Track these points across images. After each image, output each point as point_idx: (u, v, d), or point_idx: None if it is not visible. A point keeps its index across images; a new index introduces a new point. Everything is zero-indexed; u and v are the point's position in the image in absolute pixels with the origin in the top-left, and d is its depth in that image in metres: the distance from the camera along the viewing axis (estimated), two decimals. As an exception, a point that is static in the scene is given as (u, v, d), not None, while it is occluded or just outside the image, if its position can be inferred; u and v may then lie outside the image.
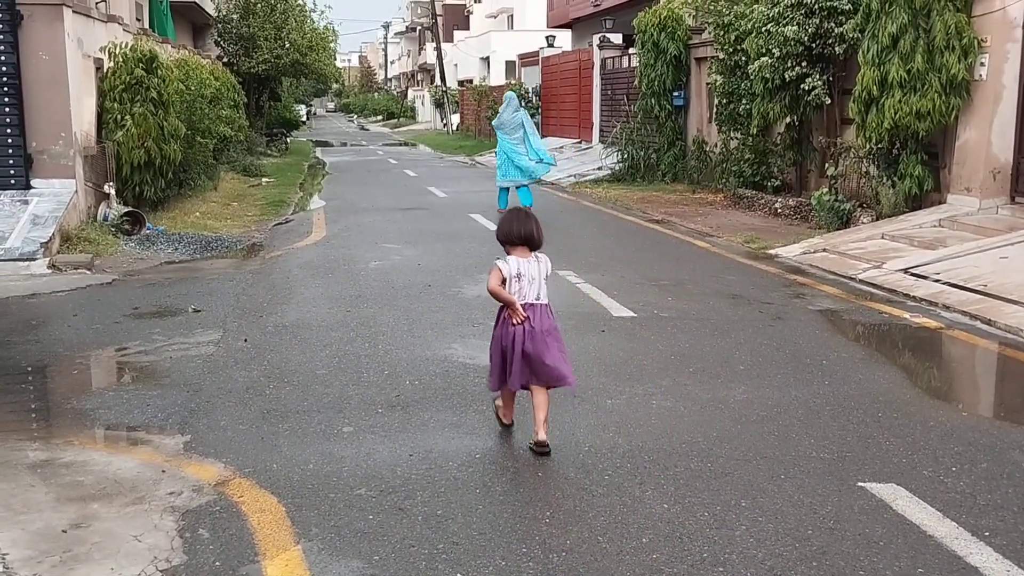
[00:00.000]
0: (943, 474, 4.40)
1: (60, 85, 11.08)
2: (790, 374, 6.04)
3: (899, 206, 11.32)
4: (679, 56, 18.46)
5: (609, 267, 9.91)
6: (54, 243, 10.16)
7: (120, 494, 4.24)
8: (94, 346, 6.87)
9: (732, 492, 4.21)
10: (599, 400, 5.51)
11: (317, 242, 11.94)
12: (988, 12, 10.73)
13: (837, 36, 12.23)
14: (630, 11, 22.83)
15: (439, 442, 4.84)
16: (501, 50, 45.77)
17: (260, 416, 5.25)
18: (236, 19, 29.26)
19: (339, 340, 6.87)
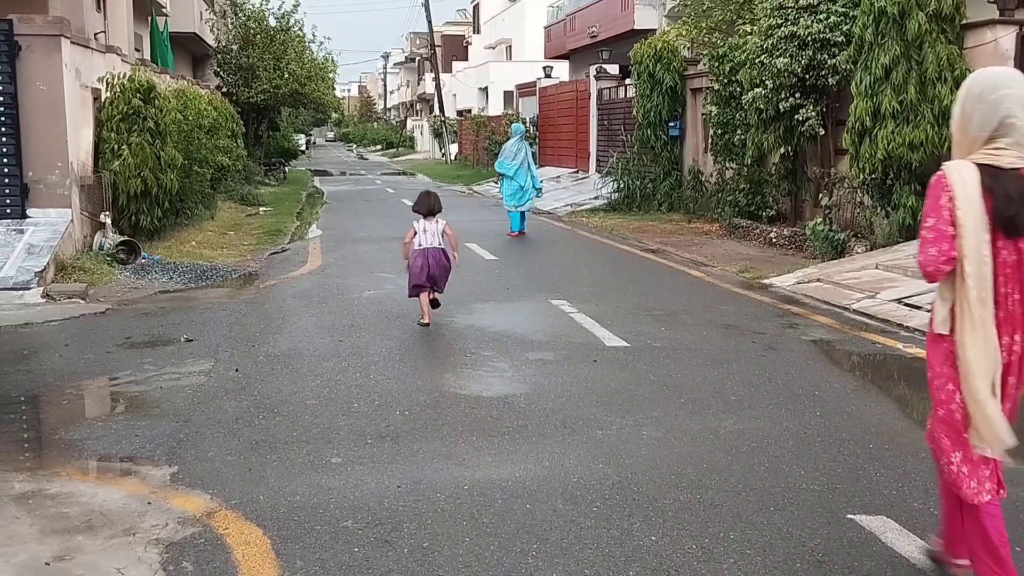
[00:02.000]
0: (933, 506, 4.37)
1: (57, 115, 11.13)
2: (782, 405, 6.02)
3: (893, 236, 11.35)
4: (675, 87, 18.59)
5: (603, 297, 9.91)
6: (48, 272, 10.16)
7: (105, 526, 4.21)
8: (85, 376, 6.85)
9: (721, 524, 4.19)
10: (589, 431, 5.49)
11: (312, 271, 11.95)
12: (980, 44, 10.82)
13: (830, 68, 12.31)
14: (626, 43, 23.02)
15: (428, 473, 4.82)
16: (499, 80, 46.07)
17: (248, 447, 5.22)
18: (235, 50, 29.46)
19: (331, 370, 6.86)
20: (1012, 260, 3.25)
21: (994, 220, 3.22)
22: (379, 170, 45.21)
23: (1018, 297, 3.27)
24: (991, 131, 3.24)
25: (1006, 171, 3.23)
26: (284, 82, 29.38)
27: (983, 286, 3.21)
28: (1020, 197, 3.21)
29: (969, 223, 3.19)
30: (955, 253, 3.22)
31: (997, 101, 3.22)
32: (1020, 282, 3.27)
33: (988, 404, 3.25)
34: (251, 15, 29.80)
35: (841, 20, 12.20)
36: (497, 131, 33.89)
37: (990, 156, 3.24)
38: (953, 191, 3.23)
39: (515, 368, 6.96)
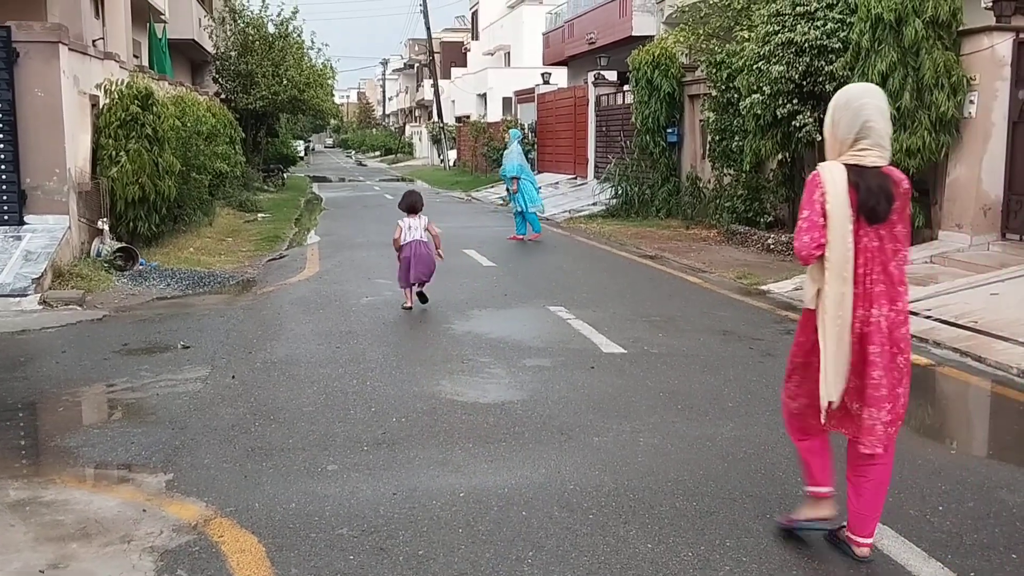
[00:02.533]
0: (929, 513, 4.38)
1: (55, 122, 11.14)
2: (779, 412, 5.96)
3: (891, 242, 11.34)
4: (672, 93, 18.61)
5: (601, 303, 9.91)
6: (46, 279, 10.16)
7: (100, 534, 4.20)
8: (81, 383, 6.84)
9: (717, 531, 4.18)
10: (586, 438, 5.49)
11: (310, 277, 11.95)
12: (977, 51, 10.84)
13: (827, 74, 12.31)
14: (624, 49, 23.05)
15: (423, 480, 4.81)
16: (498, 87, 46.11)
17: (244, 454, 5.21)
18: (234, 56, 29.47)
19: (327, 376, 6.85)
20: (874, 245, 3.75)
21: (858, 211, 3.71)
22: (378, 176, 45.22)
23: (877, 276, 3.76)
24: (855, 134, 3.74)
25: (869, 169, 3.74)
26: (283, 88, 29.39)
27: (844, 267, 3.71)
28: (880, 191, 3.73)
29: (836, 214, 3.69)
30: (824, 240, 3.71)
31: (859, 108, 3.75)
32: (881, 263, 3.76)
33: (833, 365, 3.77)
34: (250, 22, 29.81)
35: (838, 27, 12.22)
36: (495, 137, 33.92)
37: (856, 157, 3.75)
38: (824, 187, 3.73)
39: (512, 375, 6.96)
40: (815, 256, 3.75)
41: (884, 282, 3.76)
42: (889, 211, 3.75)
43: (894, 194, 3.76)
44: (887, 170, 3.78)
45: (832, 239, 3.70)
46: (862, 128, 3.72)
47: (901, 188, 3.79)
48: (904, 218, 3.83)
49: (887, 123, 3.78)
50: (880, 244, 3.75)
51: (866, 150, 3.73)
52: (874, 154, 3.74)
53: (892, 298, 3.78)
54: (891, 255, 3.78)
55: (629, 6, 26.37)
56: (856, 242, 3.72)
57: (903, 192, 3.80)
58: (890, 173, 3.79)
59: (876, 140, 3.73)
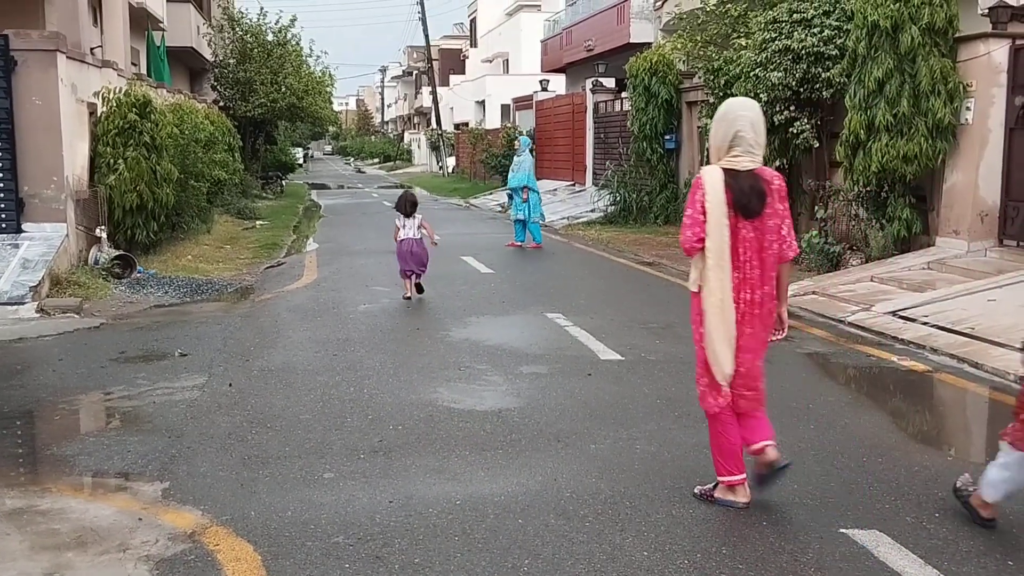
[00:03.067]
0: (926, 520, 4.37)
1: (53, 130, 11.15)
2: (776, 418, 5.95)
3: (888, 249, 11.36)
4: (670, 100, 18.63)
5: (598, 310, 9.91)
6: (43, 287, 10.15)
7: (95, 542, 4.19)
8: (78, 391, 6.84)
9: (713, 539, 4.18)
10: (583, 445, 5.48)
11: (308, 285, 11.95)
12: (973, 57, 10.86)
13: (824, 81, 12.34)
14: (622, 56, 23.10)
15: (420, 488, 4.81)
16: (496, 94, 46.20)
17: (240, 462, 5.21)
18: (233, 64, 29.52)
19: (324, 384, 6.85)
20: (750, 236, 4.31)
21: (734, 208, 4.26)
22: (376, 183, 45.24)
23: (755, 263, 4.33)
24: (729, 142, 4.30)
25: (742, 172, 4.29)
26: (281, 96, 29.43)
27: (721, 257, 4.29)
28: (751, 190, 4.28)
29: (714, 212, 4.26)
30: (704, 234, 4.29)
31: (733, 120, 4.31)
32: (757, 252, 4.33)
33: (717, 343, 4.34)
34: (248, 29, 29.87)
35: (835, 34, 12.24)
36: (494, 144, 33.95)
37: (731, 162, 4.31)
38: (704, 189, 4.30)
39: (509, 382, 6.95)
40: (697, 248, 4.36)
41: (759, 267, 4.35)
42: (762, 207, 4.30)
43: (766, 192, 4.30)
44: (760, 171, 4.31)
45: (711, 232, 4.28)
46: (734, 137, 4.29)
47: (773, 186, 4.33)
48: (776, 212, 4.35)
49: (757, 133, 4.30)
50: (756, 235, 4.32)
51: (738, 156, 4.30)
52: (746, 159, 4.30)
53: (764, 282, 4.37)
54: (765, 245, 4.34)
55: (627, 13, 26.44)
56: (735, 234, 4.29)
57: (775, 189, 4.33)
58: (762, 174, 4.32)
59: (746, 147, 4.29)
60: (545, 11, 45.20)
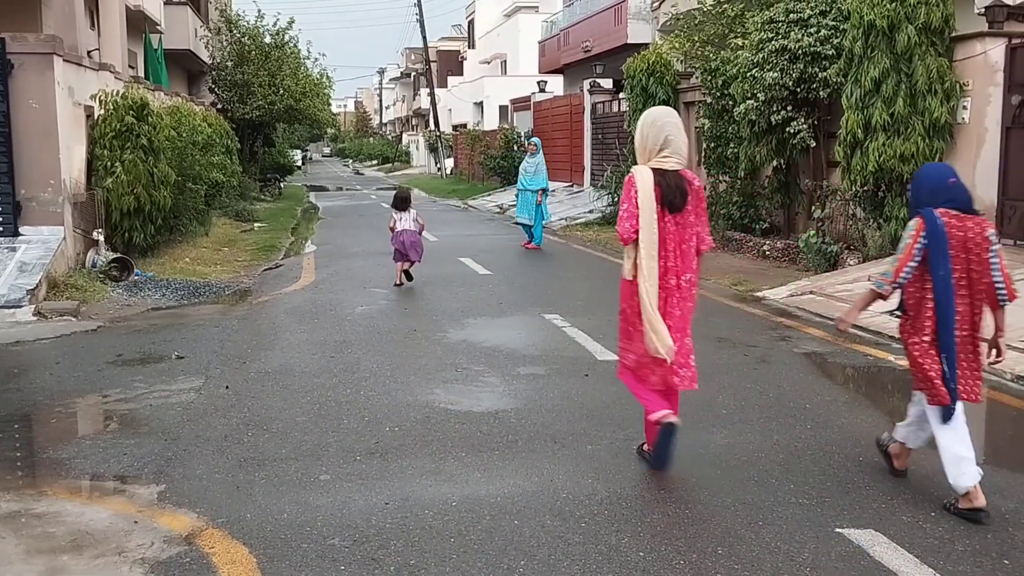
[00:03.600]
0: (922, 519, 4.37)
1: (50, 133, 11.15)
2: (773, 418, 6.01)
3: (885, 248, 11.34)
4: (668, 101, 18.56)
5: (596, 311, 9.90)
6: (40, 290, 10.15)
7: (91, 545, 4.19)
8: (74, 394, 6.83)
9: (709, 539, 4.18)
10: (579, 446, 5.48)
11: (305, 287, 11.94)
12: (970, 56, 10.87)
13: (821, 81, 12.34)
14: (620, 57, 23.10)
15: (416, 490, 4.80)
16: (494, 95, 46.22)
17: (237, 464, 5.21)
18: (230, 66, 29.51)
19: (321, 386, 6.84)
20: (674, 229, 4.85)
21: (661, 203, 4.78)
22: (375, 185, 45.23)
23: (677, 253, 4.86)
24: (659, 145, 4.83)
25: (669, 172, 4.82)
26: (279, 98, 29.41)
27: (651, 246, 4.77)
28: (676, 188, 4.81)
29: (645, 206, 4.75)
30: (638, 226, 4.76)
31: (662, 126, 4.84)
32: (679, 243, 4.86)
33: (656, 323, 4.78)
34: (246, 32, 29.86)
35: (831, 33, 12.25)
36: (492, 145, 33.96)
37: (660, 162, 4.83)
38: (637, 186, 4.79)
39: (506, 383, 6.95)
40: (633, 238, 4.81)
41: (681, 257, 4.88)
42: (684, 203, 4.85)
43: (687, 191, 4.85)
44: (683, 172, 4.87)
45: (643, 225, 4.76)
46: (664, 141, 4.81)
47: (693, 185, 4.89)
48: (696, 208, 4.90)
49: (682, 137, 4.86)
50: (678, 228, 4.87)
51: (667, 157, 4.82)
52: (673, 160, 4.83)
53: (685, 269, 4.91)
54: (686, 237, 4.89)
55: (624, 14, 26.45)
56: (662, 227, 4.81)
57: (695, 189, 4.90)
58: (685, 174, 4.88)
59: (674, 150, 4.82)
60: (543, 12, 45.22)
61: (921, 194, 4.65)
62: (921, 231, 4.52)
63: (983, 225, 4.52)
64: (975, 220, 4.52)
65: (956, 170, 4.73)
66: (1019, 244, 10.53)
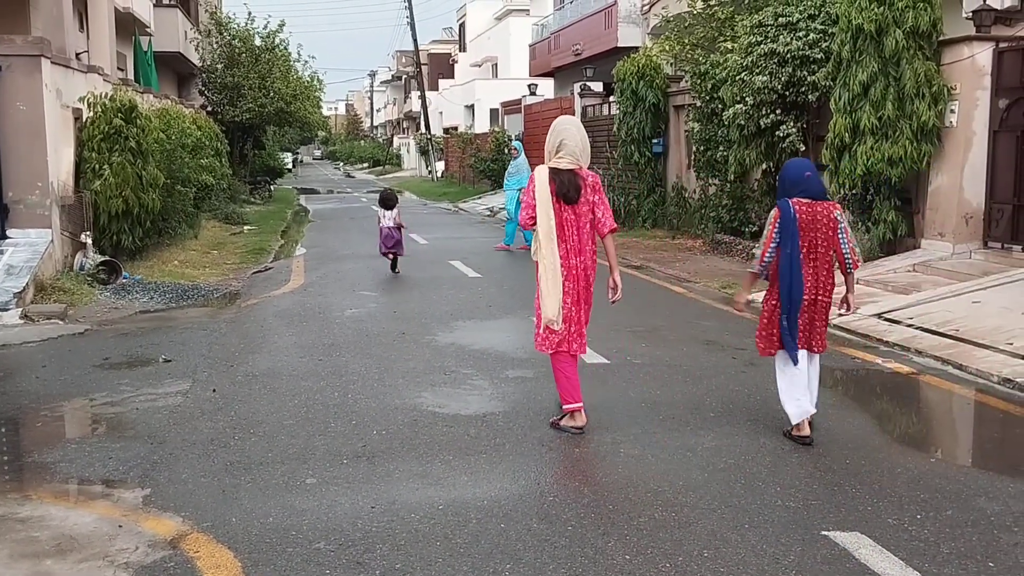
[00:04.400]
0: (908, 522, 4.38)
1: (37, 135, 11.10)
2: (760, 421, 6.02)
3: (874, 251, 11.40)
4: (658, 104, 18.65)
5: (585, 314, 9.89)
6: (28, 293, 10.10)
7: (74, 550, 4.17)
8: (60, 398, 6.80)
9: (695, 542, 4.17)
10: (567, 449, 5.48)
11: (294, 290, 11.91)
12: (957, 60, 10.91)
13: (810, 84, 12.39)
14: (610, 60, 23.12)
15: (403, 493, 4.79)
16: (485, 98, 46.15)
17: (223, 468, 5.19)
18: (220, 69, 29.45)
19: (309, 389, 6.83)
20: (571, 218, 5.72)
21: (557, 196, 5.67)
22: (365, 188, 45.16)
23: (576, 238, 5.72)
24: (555, 148, 5.75)
25: (563, 170, 5.72)
26: (269, 101, 29.37)
27: (549, 232, 5.67)
28: (569, 184, 5.69)
29: (541, 199, 5.68)
30: (535, 215, 5.70)
31: (559, 132, 5.79)
32: (577, 229, 5.73)
33: (547, 297, 5.73)
34: (236, 34, 29.81)
35: (820, 37, 12.29)
36: (483, 148, 33.95)
37: (556, 162, 5.74)
38: (536, 183, 5.72)
39: (495, 386, 6.95)
40: (529, 225, 5.77)
41: (579, 241, 5.74)
42: (578, 196, 5.70)
43: (580, 186, 5.71)
44: (578, 171, 5.73)
45: (539, 215, 5.68)
46: (559, 145, 5.73)
47: (587, 182, 5.75)
48: (589, 200, 5.74)
49: (578, 143, 5.72)
50: (574, 217, 5.73)
51: (561, 159, 5.72)
52: (565, 161, 5.72)
53: (583, 250, 5.75)
54: (582, 225, 5.74)
55: (614, 17, 26.47)
56: (560, 216, 5.69)
57: (589, 184, 5.76)
58: (579, 172, 5.74)
59: (567, 152, 5.72)
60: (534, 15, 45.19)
61: (784, 185, 5.67)
62: (777, 219, 5.51)
63: (830, 209, 5.54)
64: (823, 205, 5.52)
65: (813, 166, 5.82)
66: (1006, 247, 10.58)
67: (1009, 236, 10.58)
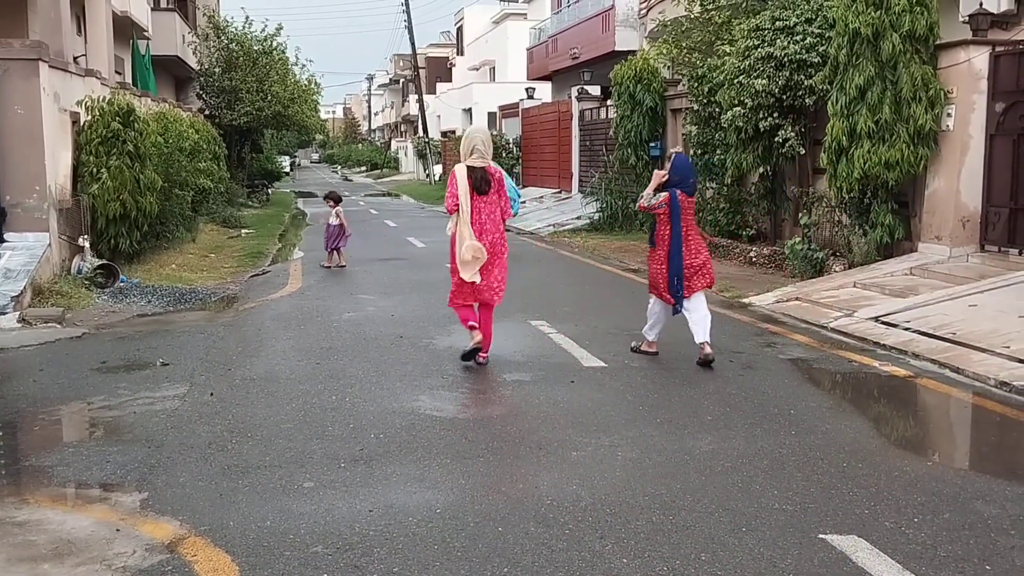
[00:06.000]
0: (905, 525, 4.38)
1: (35, 139, 11.10)
2: (757, 424, 6.03)
3: (871, 255, 11.41)
4: (655, 107, 18.68)
5: (583, 317, 9.92)
6: (25, 297, 10.10)
7: (72, 554, 4.16)
8: (57, 401, 6.80)
9: (692, 546, 4.18)
10: (564, 452, 5.48)
11: (292, 293, 11.92)
12: (954, 64, 10.93)
13: (807, 88, 12.40)
14: (607, 64, 23.15)
15: (400, 497, 4.79)
16: (483, 102, 46.17)
17: (220, 472, 5.18)
18: (218, 72, 29.47)
19: (306, 393, 6.83)
20: (482, 207, 7.39)
21: (472, 188, 7.35)
22: (363, 191, 45.21)
23: (487, 221, 7.41)
24: (469, 151, 7.43)
25: (477, 168, 7.40)
26: (267, 104, 29.38)
27: (466, 215, 7.34)
28: (482, 179, 7.39)
29: (461, 190, 7.35)
30: (457, 203, 7.35)
31: (470, 139, 7.52)
32: (489, 214, 7.41)
33: (463, 265, 7.43)
34: (234, 38, 29.82)
35: (817, 41, 12.31)
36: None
37: (471, 162, 7.42)
38: (456, 178, 7.39)
39: (492, 390, 6.95)
40: (454, 210, 7.41)
41: (491, 222, 7.44)
42: (488, 189, 7.39)
43: (490, 180, 7.41)
44: (487, 167, 7.43)
45: (461, 203, 7.34)
46: (472, 149, 7.43)
47: (495, 176, 7.46)
48: (498, 191, 7.46)
49: (485, 146, 7.48)
50: (485, 205, 7.40)
51: (475, 159, 7.40)
52: (478, 160, 7.41)
53: (493, 229, 7.46)
54: (492, 210, 7.44)
55: (612, 21, 26.51)
56: (474, 204, 7.36)
57: (496, 179, 7.46)
58: (489, 169, 7.44)
59: (480, 154, 7.42)
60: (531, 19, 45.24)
61: (675, 178, 7.62)
62: (667, 202, 7.55)
63: (691, 201, 7.70)
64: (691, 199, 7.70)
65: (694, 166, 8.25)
66: (1003, 250, 10.59)
67: (1006, 239, 10.60)
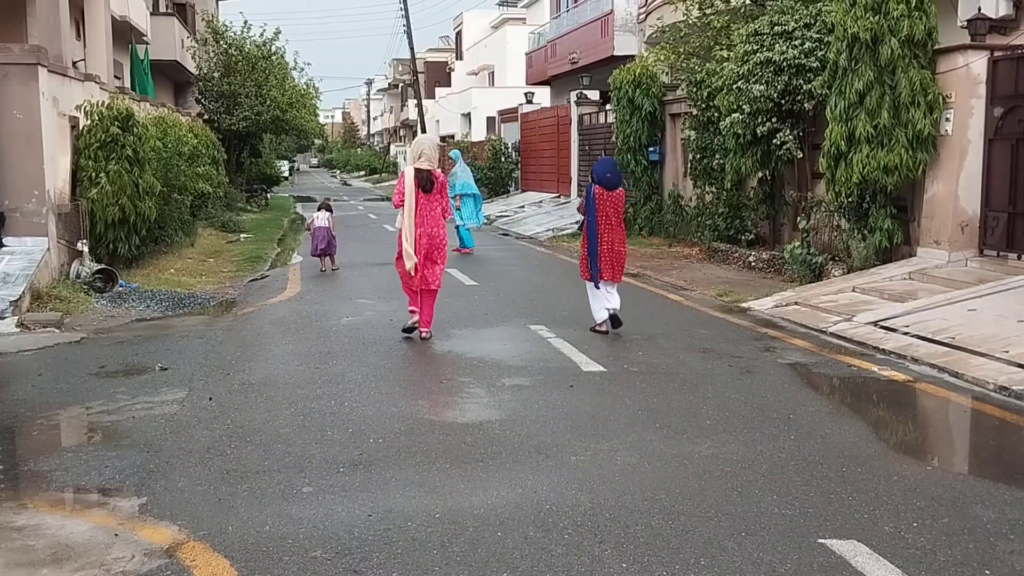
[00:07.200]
0: (904, 530, 4.38)
1: (34, 143, 11.10)
2: (756, 429, 6.02)
3: (870, 259, 11.41)
4: (654, 112, 18.70)
5: (582, 321, 9.88)
6: (24, 301, 10.09)
7: (70, 559, 4.15)
8: (56, 406, 6.79)
9: (692, 550, 4.17)
10: (563, 457, 5.48)
11: (291, 298, 11.91)
12: (952, 69, 10.94)
13: (806, 93, 12.42)
14: (606, 69, 23.18)
15: (399, 501, 4.79)
16: (482, 106, 46.26)
17: (219, 477, 5.18)
18: (217, 77, 29.45)
19: (305, 397, 6.82)
20: (425, 204, 8.61)
21: (418, 187, 8.54)
22: (362, 196, 45.20)
23: (429, 217, 8.62)
24: (417, 155, 8.72)
25: (423, 170, 8.64)
26: (266, 109, 29.36)
27: (410, 211, 8.54)
28: (427, 179, 8.60)
29: (408, 189, 8.56)
30: (403, 199, 8.56)
31: (418, 145, 8.95)
32: (431, 210, 8.66)
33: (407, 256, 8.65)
34: (232, 43, 29.82)
35: (816, 46, 12.33)
36: (480, 156, 34.00)
37: (419, 164, 8.66)
38: (405, 177, 8.63)
39: (491, 394, 6.95)
40: (400, 205, 8.61)
41: (430, 217, 8.65)
42: (432, 188, 8.62)
43: (434, 181, 8.64)
44: (432, 170, 8.69)
45: (406, 200, 8.56)
46: (420, 153, 8.73)
47: (439, 179, 8.72)
48: (441, 191, 8.73)
49: (432, 152, 8.83)
50: (428, 203, 8.62)
51: (421, 162, 8.65)
52: (424, 163, 8.67)
53: (433, 224, 8.68)
54: (434, 207, 8.68)
55: (611, 26, 26.53)
56: (418, 201, 8.55)
57: (440, 181, 8.74)
58: (432, 171, 8.70)
59: (426, 158, 8.72)
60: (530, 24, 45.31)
61: (595, 174, 9.13)
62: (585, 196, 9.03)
63: (620, 195, 9.15)
64: (616, 193, 9.06)
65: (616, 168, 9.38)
66: (1002, 255, 10.60)
67: (1004, 244, 10.60)
